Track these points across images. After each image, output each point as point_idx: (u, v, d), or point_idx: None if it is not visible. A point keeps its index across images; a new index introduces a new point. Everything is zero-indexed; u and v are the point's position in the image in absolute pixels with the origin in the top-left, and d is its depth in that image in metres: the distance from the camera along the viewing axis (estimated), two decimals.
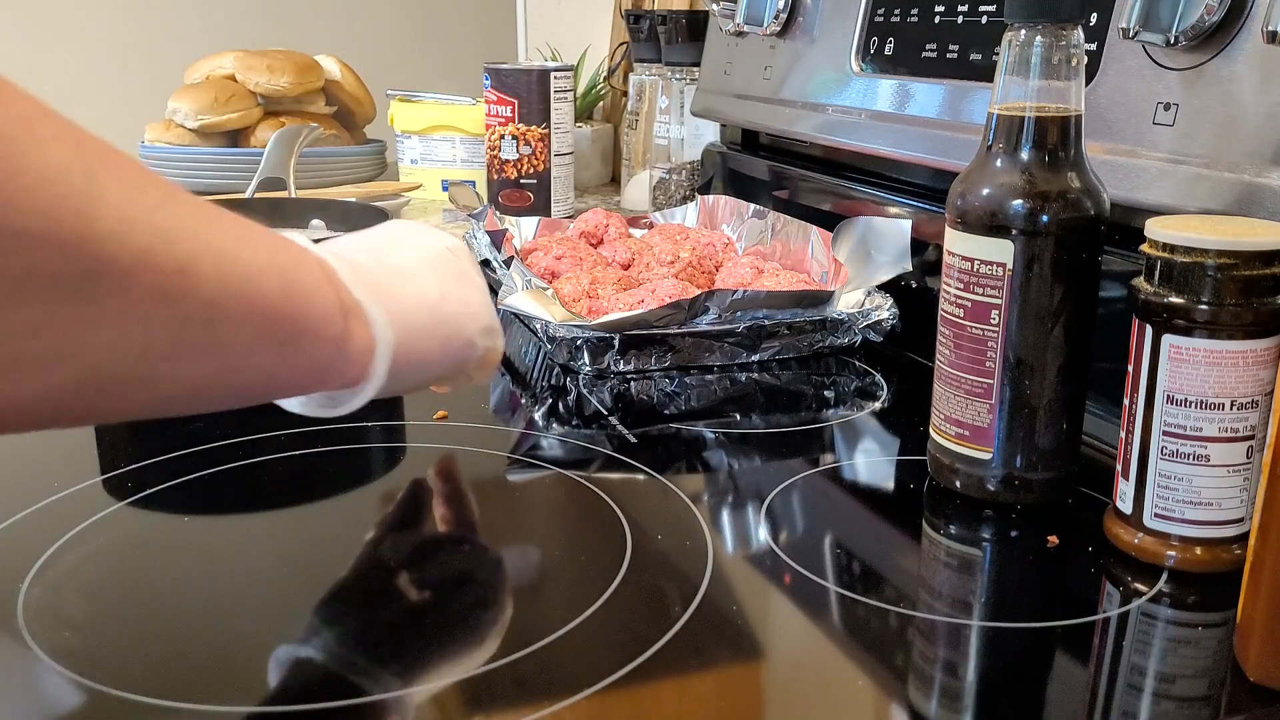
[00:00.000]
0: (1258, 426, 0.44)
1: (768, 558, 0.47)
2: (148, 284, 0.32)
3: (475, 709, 0.37)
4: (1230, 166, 0.52)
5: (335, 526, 0.52)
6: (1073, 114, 0.49)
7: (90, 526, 0.49)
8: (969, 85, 0.71)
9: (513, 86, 1.14)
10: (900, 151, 0.78)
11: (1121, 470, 0.47)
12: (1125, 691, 0.38)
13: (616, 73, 1.46)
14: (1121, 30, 0.55)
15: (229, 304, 0.35)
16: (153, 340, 0.33)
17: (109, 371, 0.33)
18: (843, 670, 0.40)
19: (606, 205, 1.27)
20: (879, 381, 0.71)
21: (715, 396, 0.68)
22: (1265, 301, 0.43)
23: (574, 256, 0.84)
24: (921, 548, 0.50)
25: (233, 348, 0.36)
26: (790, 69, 0.94)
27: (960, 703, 0.38)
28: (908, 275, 0.76)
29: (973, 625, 0.42)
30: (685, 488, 0.54)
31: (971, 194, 0.50)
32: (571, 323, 0.70)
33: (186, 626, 0.42)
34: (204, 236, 0.34)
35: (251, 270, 0.36)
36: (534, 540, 0.51)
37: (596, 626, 0.41)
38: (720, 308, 0.71)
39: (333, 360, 0.40)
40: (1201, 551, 0.45)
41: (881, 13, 0.82)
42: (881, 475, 0.58)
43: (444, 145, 1.31)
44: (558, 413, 0.65)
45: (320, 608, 0.43)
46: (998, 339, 0.50)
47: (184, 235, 0.33)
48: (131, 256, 0.31)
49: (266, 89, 1.32)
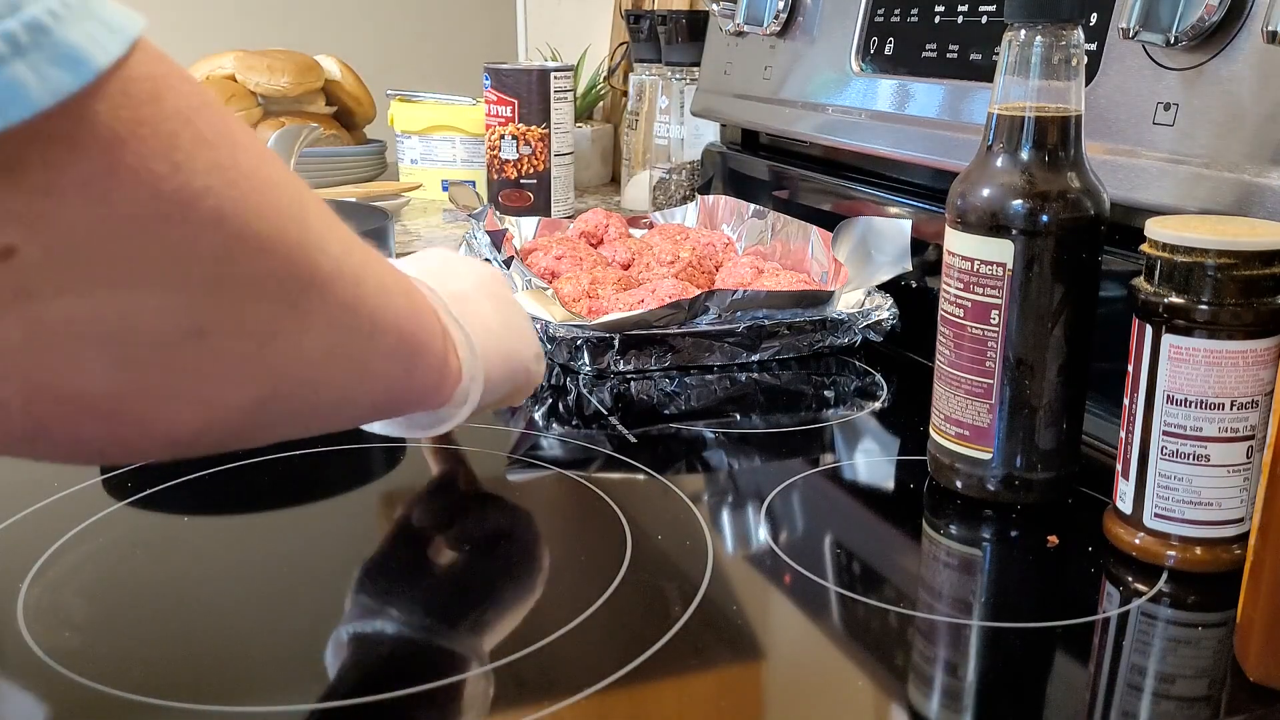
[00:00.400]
0: (1258, 426, 0.44)
1: (768, 558, 0.47)
2: (339, 293, 0.33)
3: (476, 709, 0.37)
4: (1230, 166, 0.52)
5: (335, 526, 0.52)
6: (1073, 114, 0.49)
7: (90, 526, 0.49)
8: (969, 85, 0.71)
9: (513, 86, 1.14)
10: (900, 151, 0.78)
11: (1121, 470, 0.47)
12: (1125, 691, 0.38)
13: (616, 73, 1.46)
14: (1121, 30, 0.55)
15: (383, 317, 0.36)
16: (334, 349, 0.34)
17: (298, 380, 0.34)
18: (843, 670, 0.40)
19: (606, 205, 1.27)
20: (879, 381, 0.71)
21: (715, 396, 0.68)
22: (1265, 301, 0.43)
23: (574, 256, 0.83)
24: (921, 548, 0.50)
25: (380, 359, 0.38)
26: (790, 69, 0.94)
27: (960, 703, 0.38)
28: (908, 275, 0.76)
29: (973, 625, 0.42)
30: (685, 488, 0.54)
31: (971, 194, 0.50)
32: (571, 323, 0.70)
33: (186, 626, 0.42)
34: (360, 250, 0.35)
35: (391, 286, 0.37)
36: (534, 540, 0.51)
37: (596, 626, 0.41)
38: (720, 308, 0.71)
39: (435, 380, 0.42)
40: (1201, 551, 0.45)
41: (881, 13, 0.82)
42: (881, 475, 0.58)
43: (444, 145, 1.31)
44: (558, 413, 0.65)
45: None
46: (998, 339, 0.50)
47: (353, 247, 0.35)
48: (330, 266, 0.33)
49: (266, 89, 1.32)
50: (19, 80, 0.22)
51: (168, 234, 0.26)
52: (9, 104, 0.22)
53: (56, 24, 0.23)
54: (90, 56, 0.24)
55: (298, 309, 0.31)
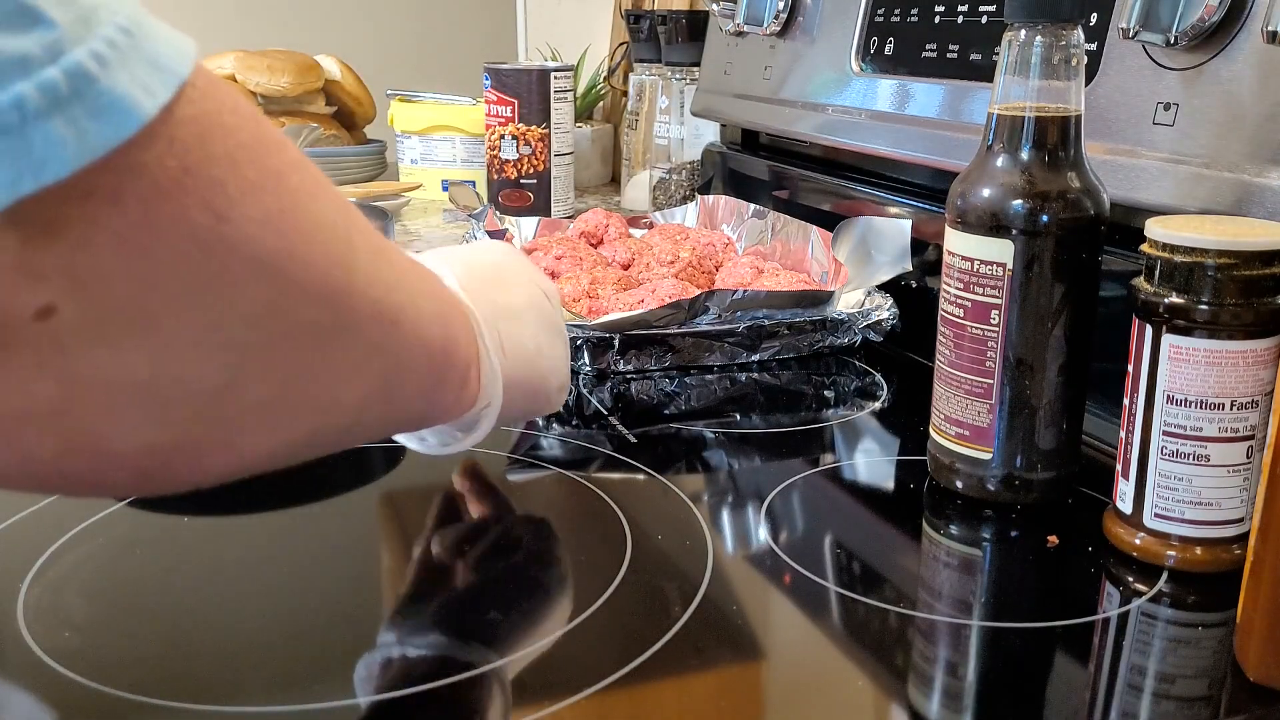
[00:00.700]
0: (1258, 426, 0.44)
1: (768, 558, 0.47)
2: (374, 335, 0.32)
3: (476, 709, 0.37)
4: (1230, 166, 0.52)
5: (335, 526, 0.52)
6: (1073, 114, 0.49)
7: (90, 526, 0.49)
8: (969, 85, 0.71)
9: (513, 86, 1.14)
10: (900, 151, 0.78)
11: (1121, 470, 0.47)
12: (1125, 691, 0.38)
13: (616, 73, 1.46)
14: (1121, 30, 0.55)
15: (414, 354, 0.36)
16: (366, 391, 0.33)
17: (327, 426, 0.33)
18: (843, 670, 0.40)
19: (606, 205, 1.27)
20: (879, 381, 0.71)
21: (715, 396, 0.68)
22: (1265, 301, 0.43)
23: (574, 256, 0.83)
24: (921, 548, 0.50)
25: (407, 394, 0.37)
26: (790, 69, 0.94)
27: (960, 703, 0.38)
28: (908, 275, 0.76)
29: (973, 625, 0.42)
30: (685, 488, 0.54)
31: (971, 194, 0.50)
32: (571, 323, 0.70)
33: (186, 626, 0.42)
34: (404, 286, 0.34)
35: (429, 319, 0.37)
36: (534, 540, 0.51)
37: (596, 626, 0.41)
38: (720, 308, 0.71)
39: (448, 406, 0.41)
40: (1201, 551, 0.45)
41: (881, 13, 0.82)
42: (881, 475, 0.58)
43: (444, 145, 1.31)
44: (558, 413, 0.65)
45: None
46: (998, 339, 0.50)
47: (395, 286, 0.33)
48: (370, 310, 0.32)
49: (266, 89, 1.32)
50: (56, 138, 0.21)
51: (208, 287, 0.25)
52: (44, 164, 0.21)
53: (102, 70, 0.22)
54: (136, 106, 0.22)
55: (333, 356, 0.30)
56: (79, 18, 0.22)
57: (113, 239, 0.23)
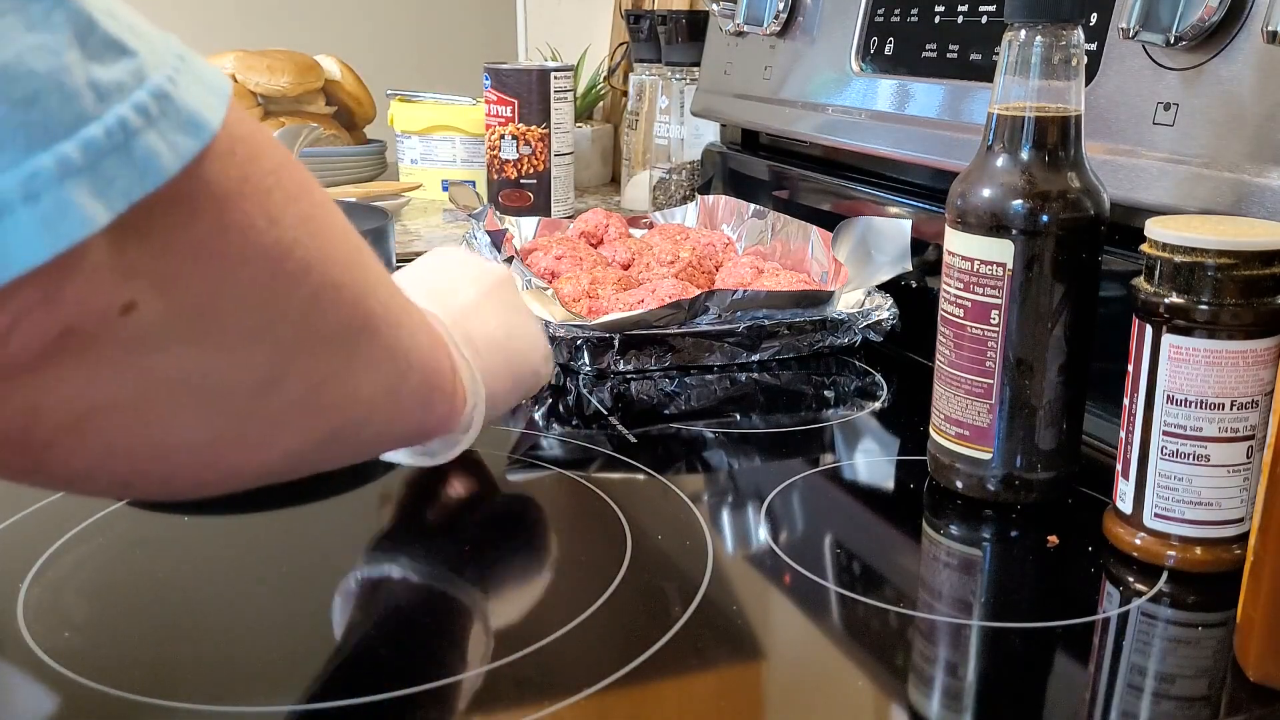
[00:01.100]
0: (1258, 426, 0.44)
1: (768, 558, 0.47)
2: (386, 336, 0.35)
3: (475, 709, 0.37)
4: (1230, 166, 0.52)
5: (335, 526, 0.52)
6: (1073, 114, 0.49)
7: (90, 526, 0.49)
8: (969, 85, 0.71)
9: (513, 86, 1.14)
10: (900, 151, 0.78)
11: (1121, 470, 0.47)
12: (1125, 691, 0.38)
13: (616, 73, 1.46)
14: (1121, 30, 0.55)
15: (415, 356, 0.38)
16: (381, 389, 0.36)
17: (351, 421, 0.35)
18: (843, 670, 0.40)
19: (606, 205, 1.27)
20: (879, 381, 0.71)
21: (715, 396, 0.68)
22: (1265, 301, 0.43)
23: (574, 256, 0.83)
24: (921, 548, 0.50)
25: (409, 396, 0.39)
26: (790, 69, 0.94)
27: (960, 703, 0.38)
28: (908, 275, 0.76)
29: (973, 625, 0.42)
30: (685, 488, 0.54)
31: (971, 194, 0.50)
32: (571, 323, 0.70)
33: (186, 626, 0.42)
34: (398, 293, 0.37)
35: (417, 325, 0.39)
36: (534, 540, 0.51)
37: (596, 626, 0.41)
38: (720, 308, 0.71)
39: (447, 411, 0.43)
40: (1201, 551, 0.45)
41: (881, 13, 0.82)
42: (881, 475, 0.58)
43: (444, 145, 1.31)
44: (558, 413, 0.65)
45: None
46: (998, 339, 0.50)
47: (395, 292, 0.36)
48: (382, 311, 0.34)
49: (266, 89, 1.32)
50: (153, 150, 0.23)
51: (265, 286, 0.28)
52: (146, 172, 0.23)
53: (175, 89, 0.24)
54: (206, 119, 0.25)
55: (357, 353, 0.33)
56: (150, 47, 0.24)
57: (190, 243, 0.26)
